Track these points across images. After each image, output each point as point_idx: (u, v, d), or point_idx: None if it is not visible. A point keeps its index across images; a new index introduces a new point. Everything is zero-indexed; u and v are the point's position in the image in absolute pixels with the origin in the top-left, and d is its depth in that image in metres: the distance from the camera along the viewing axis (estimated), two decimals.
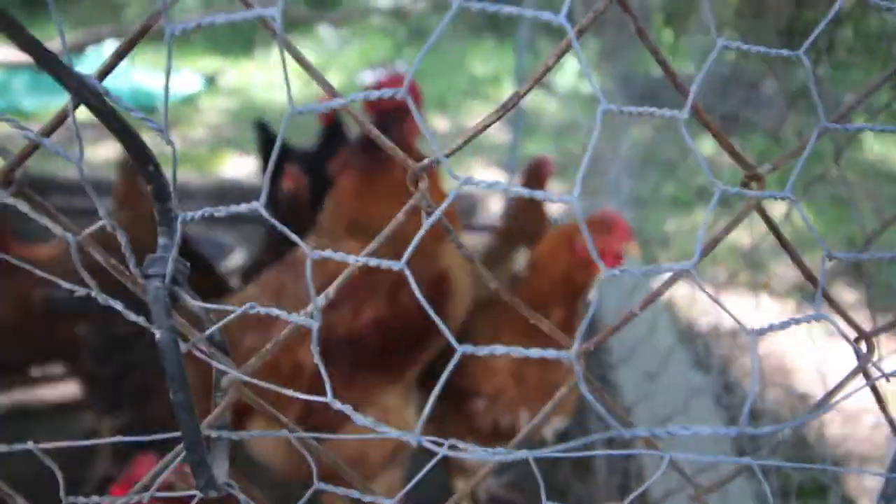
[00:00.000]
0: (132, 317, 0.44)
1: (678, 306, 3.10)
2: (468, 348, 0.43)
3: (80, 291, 0.44)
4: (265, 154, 3.17)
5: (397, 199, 1.55)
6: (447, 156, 0.43)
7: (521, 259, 2.27)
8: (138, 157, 0.40)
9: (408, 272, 0.42)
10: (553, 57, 0.46)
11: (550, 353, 0.44)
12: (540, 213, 2.49)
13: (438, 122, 7.24)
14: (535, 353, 0.45)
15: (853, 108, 0.56)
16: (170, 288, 0.41)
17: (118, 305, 0.44)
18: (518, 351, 0.44)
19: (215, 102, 7.82)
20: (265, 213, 0.42)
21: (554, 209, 3.07)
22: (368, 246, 0.53)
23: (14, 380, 2.34)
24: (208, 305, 0.44)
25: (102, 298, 0.43)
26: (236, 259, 3.15)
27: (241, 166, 5.42)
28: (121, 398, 1.55)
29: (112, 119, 0.39)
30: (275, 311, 0.45)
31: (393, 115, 1.57)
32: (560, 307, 1.46)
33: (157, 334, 0.41)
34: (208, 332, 0.46)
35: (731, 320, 0.51)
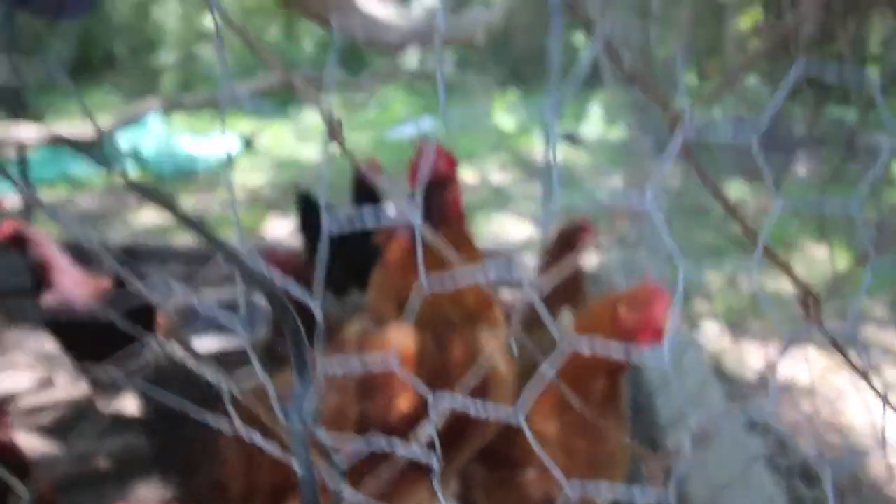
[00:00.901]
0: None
1: (725, 362, 3.06)
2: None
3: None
4: (304, 218, 3.26)
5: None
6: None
7: (562, 320, 2.27)
8: (284, 315, 0.45)
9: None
10: None
11: None
12: (577, 271, 2.47)
13: (466, 175, 7.35)
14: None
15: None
16: (309, 429, 0.45)
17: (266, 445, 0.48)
18: None
19: (253, 162, 8.07)
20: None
21: (590, 262, 3.08)
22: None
23: None
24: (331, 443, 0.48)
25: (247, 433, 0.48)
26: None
27: (280, 227, 5.56)
28: (169, 469, 1.59)
29: (275, 299, 0.44)
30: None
31: (436, 184, 1.60)
32: (604, 378, 1.46)
33: (298, 469, 0.45)
34: (338, 464, 0.50)
35: (782, 375, 0.53)
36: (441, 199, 1.59)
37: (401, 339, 1.59)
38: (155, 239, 5.02)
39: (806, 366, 3.06)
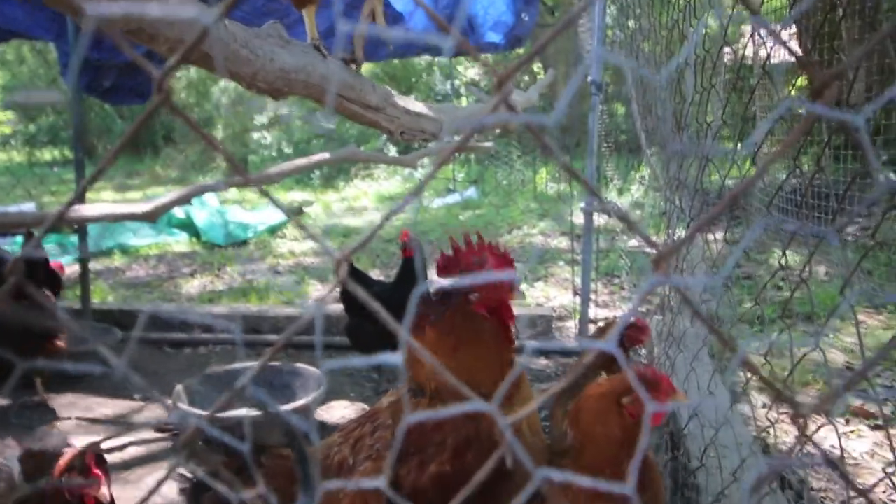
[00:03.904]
0: None
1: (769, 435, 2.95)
2: None
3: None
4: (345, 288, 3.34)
5: (478, 355, 1.64)
6: None
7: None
8: (290, 439, 0.50)
9: None
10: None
11: None
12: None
13: (508, 240, 7.40)
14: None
15: None
16: None
17: None
18: None
19: (300, 231, 8.32)
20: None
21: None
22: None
23: None
24: None
25: None
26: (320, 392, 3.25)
27: (323, 295, 5.67)
28: None
29: (295, 443, 0.50)
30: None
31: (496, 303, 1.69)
32: (627, 461, 1.46)
33: None
34: None
35: (827, 448, 0.54)
36: (500, 315, 1.68)
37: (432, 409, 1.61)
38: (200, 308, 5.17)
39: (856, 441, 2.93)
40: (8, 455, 2.13)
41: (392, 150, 11.50)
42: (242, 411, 3.26)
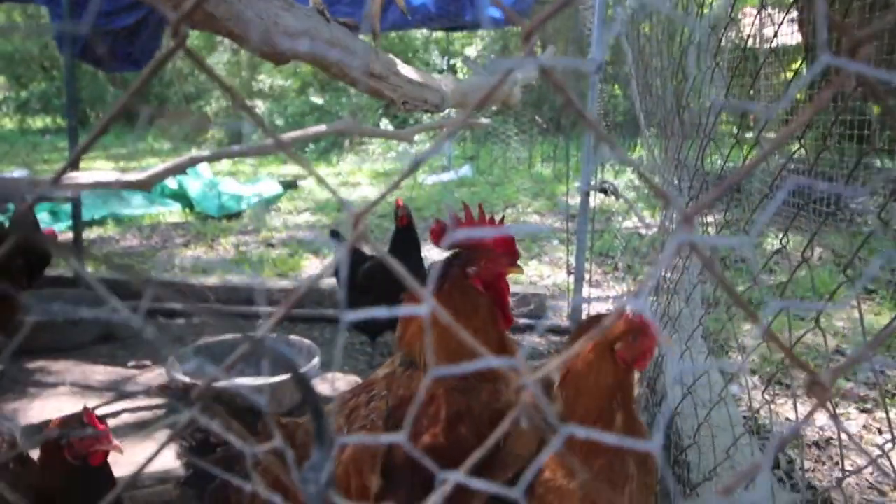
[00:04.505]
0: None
1: (760, 416, 2.98)
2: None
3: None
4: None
5: (474, 329, 1.64)
6: None
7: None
8: (304, 388, 0.50)
9: None
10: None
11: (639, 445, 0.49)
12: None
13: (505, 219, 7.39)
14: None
15: None
16: (323, 492, 0.50)
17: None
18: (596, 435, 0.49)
19: (295, 205, 8.28)
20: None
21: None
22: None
23: None
24: None
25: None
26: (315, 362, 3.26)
27: (317, 268, 5.66)
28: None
29: (310, 397, 0.49)
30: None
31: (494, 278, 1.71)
32: (621, 411, 1.48)
33: None
34: None
35: (815, 430, 0.54)
36: (498, 287, 1.69)
37: (427, 380, 1.62)
38: (194, 277, 5.15)
39: (846, 423, 2.97)
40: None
41: (389, 128, 11.43)
42: (242, 380, 3.27)
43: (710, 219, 3.00)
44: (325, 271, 0.51)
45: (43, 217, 6.52)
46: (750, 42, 4.54)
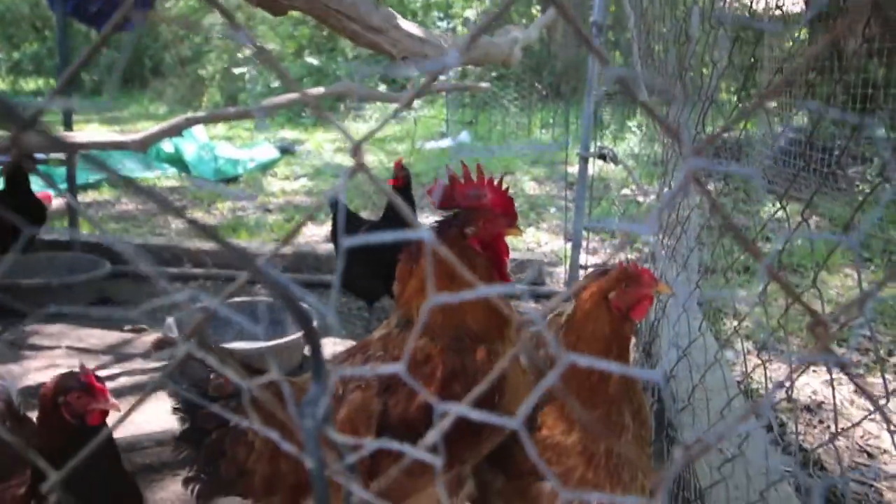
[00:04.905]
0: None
1: (753, 381, 3.01)
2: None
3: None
4: (336, 225, 3.31)
5: (467, 285, 1.64)
6: None
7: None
8: (299, 317, 0.48)
9: None
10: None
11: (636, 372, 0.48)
12: None
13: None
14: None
15: None
16: (320, 426, 0.49)
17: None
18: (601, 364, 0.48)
19: (292, 170, 8.22)
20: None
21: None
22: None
23: None
24: (349, 440, 0.52)
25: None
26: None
27: (315, 234, 5.64)
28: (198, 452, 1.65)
29: (291, 303, 0.48)
30: None
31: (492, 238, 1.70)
32: (615, 361, 1.49)
33: (308, 463, 0.49)
34: (347, 462, 0.53)
35: (808, 395, 0.53)
36: (496, 248, 1.69)
37: (422, 341, 1.62)
38: (190, 242, 5.13)
39: (835, 387, 2.99)
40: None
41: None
42: (247, 344, 3.28)
43: (710, 186, 2.99)
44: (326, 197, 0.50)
45: (36, 179, 6.46)
46: (754, 5, 4.47)
